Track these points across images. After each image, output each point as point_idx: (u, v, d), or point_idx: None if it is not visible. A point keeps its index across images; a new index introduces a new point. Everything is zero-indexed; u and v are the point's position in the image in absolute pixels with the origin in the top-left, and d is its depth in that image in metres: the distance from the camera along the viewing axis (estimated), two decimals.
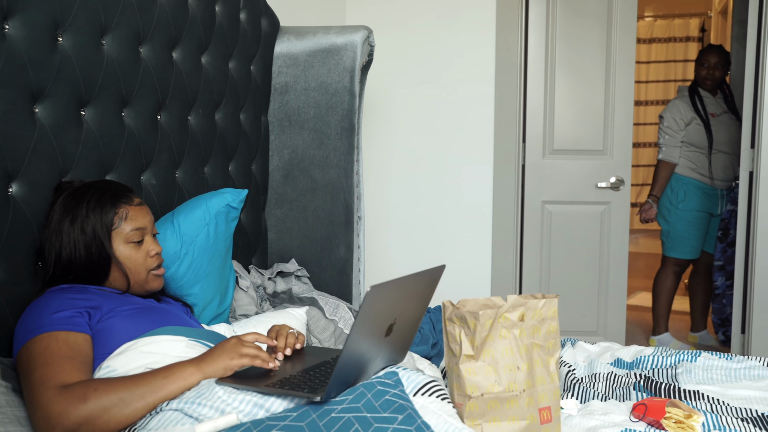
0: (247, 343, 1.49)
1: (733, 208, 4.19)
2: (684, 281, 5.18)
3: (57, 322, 1.46)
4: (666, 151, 4.24)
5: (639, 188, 8.40)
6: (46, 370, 1.37)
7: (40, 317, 1.48)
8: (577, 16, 3.78)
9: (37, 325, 1.46)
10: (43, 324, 1.46)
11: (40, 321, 1.47)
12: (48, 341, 1.43)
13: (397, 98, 3.88)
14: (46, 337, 1.43)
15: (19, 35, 1.65)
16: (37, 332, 1.44)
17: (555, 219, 3.90)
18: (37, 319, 1.48)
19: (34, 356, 1.40)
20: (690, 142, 4.22)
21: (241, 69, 2.64)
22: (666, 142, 4.24)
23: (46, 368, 1.37)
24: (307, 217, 2.84)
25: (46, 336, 1.44)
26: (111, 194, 1.68)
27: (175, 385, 1.39)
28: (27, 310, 1.54)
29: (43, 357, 1.40)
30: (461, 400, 1.44)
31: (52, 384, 1.34)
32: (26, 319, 1.50)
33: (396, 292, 1.38)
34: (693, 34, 8.14)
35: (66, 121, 1.80)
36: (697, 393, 1.77)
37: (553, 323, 1.53)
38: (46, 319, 1.47)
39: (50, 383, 1.34)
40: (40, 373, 1.37)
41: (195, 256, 2.02)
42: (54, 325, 1.45)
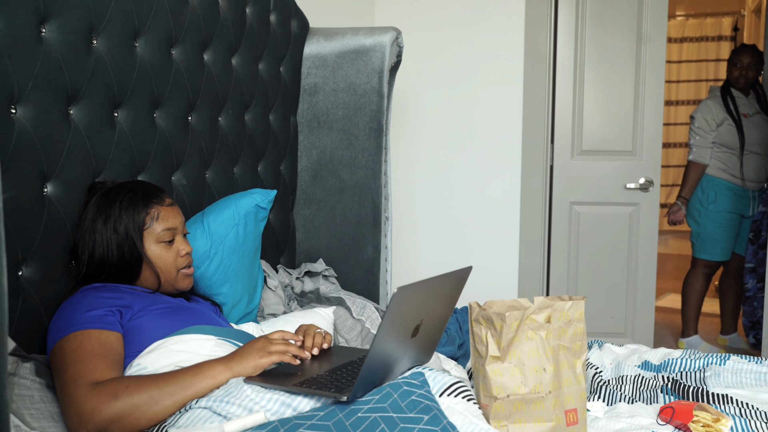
0: (275, 340, 1.51)
1: (765, 209, 4.14)
2: (714, 283, 5.13)
3: (89, 320, 1.50)
4: (696, 152, 4.20)
5: (669, 189, 8.32)
6: (79, 368, 1.40)
7: (73, 316, 1.51)
8: (607, 16, 3.75)
9: (71, 323, 1.49)
10: (76, 322, 1.49)
11: (73, 319, 1.50)
12: (81, 339, 1.46)
13: (425, 99, 3.89)
14: (79, 335, 1.46)
15: (56, 38, 1.68)
16: (70, 330, 1.47)
17: (583, 220, 3.89)
18: (71, 317, 1.51)
19: (67, 354, 1.43)
20: (721, 142, 4.18)
21: (270, 70, 2.67)
22: (697, 143, 4.20)
23: (78, 365, 1.40)
24: (335, 217, 2.86)
25: (78, 334, 1.47)
26: (143, 194, 1.71)
27: (204, 383, 1.41)
28: (60, 308, 1.57)
29: (76, 354, 1.43)
30: (487, 401, 1.45)
31: (85, 381, 1.37)
32: (59, 318, 1.53)
33: (423, 293, 1.39)
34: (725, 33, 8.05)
35: (100, 123, 1.83)
36: (725, 397, 1.75)
37: (580, 325, 1.53)
38: (79, 317, 1.50)
39: (83, 380, 1.37)
40: (73, 370, 1.40)
41: (224, 255, 2.04)
42: (86, 324, 1.49)
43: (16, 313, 1.57)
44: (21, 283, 1.60)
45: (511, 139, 3.82)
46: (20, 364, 1.46)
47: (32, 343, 1.61)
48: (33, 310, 1.62)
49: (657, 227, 3.86)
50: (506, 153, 3.83)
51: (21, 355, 1.50)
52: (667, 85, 8.14)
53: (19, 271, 1.60)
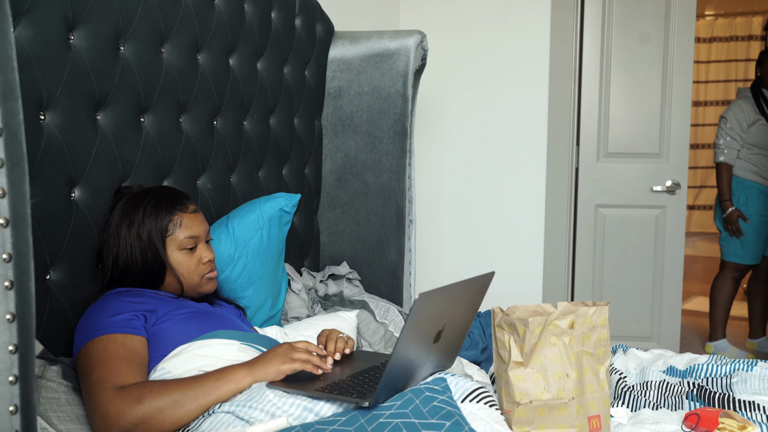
0: (298, 348, 1.52)
1: None
2: (742, 286, 5.07)
3: (115, 324, 1.52)
4: (728, 153, 4.16)
5: (697, 190, 8.24)
6: (105, 371, 1.42)
7: (98, 320, 1.53)
8: (634, 16, 3.73)
9: (96, 327, 1.51)
10: (101, 327, 1.51)
11: (99, 324, 1.52)
12: (106, 343, 1.48)
13: (450, 102, 3.89)
14: (104, 339, 1.49)
15: (84, 45, 1.71)
16: (96, 334, 1.50)
17: (609, 223, 3.86)
18: (96, 321, 1.53)
19: (93, 357, 1.45)
20: (753, 143, 4.13)
21: (295, 74, 2.68)
22: (728, 144, 4.16)
23: (104, 369, 1.42)
24: (359, 220, 2.87)
25: (104, 338, 1.49)
26: (167, 201, 1.73)
27: (227, 387, 1.42)
28: (86, 313, 1.60)
29: (101, 358, 1.45)
30: (510, 406, 1.45)
31: (110, 385, 1.39)
32: (85, 322, 1.56)
33: (445, 299, 1.40)
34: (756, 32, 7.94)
35: (126, 128, 1.86)
36: (752, 404, 1.73)
37: (604, 331, 1.53)
38: (104, 321, 1.52)
39: (108, 384, 1.39)
40: (98, 374, 1.42)
41: (248, 259, 2.06)
42: (112, 328, 1.51)
43: (43, 317, 1.60)
44: (48, 286, 1.62)
45: (536, 141, 3.80)
46: (47, 367, 1.49)
47: (59, 346, 1.63)
48: (60, 314, 1.64)
49: (684, 230, 3.82)
50: (531, 156, 3.82)
51: (48, 358, 1.53)
52: (695, 86, 8.06)
53: (46, 275, 1.62)
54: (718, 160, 4.19)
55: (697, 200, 8.22)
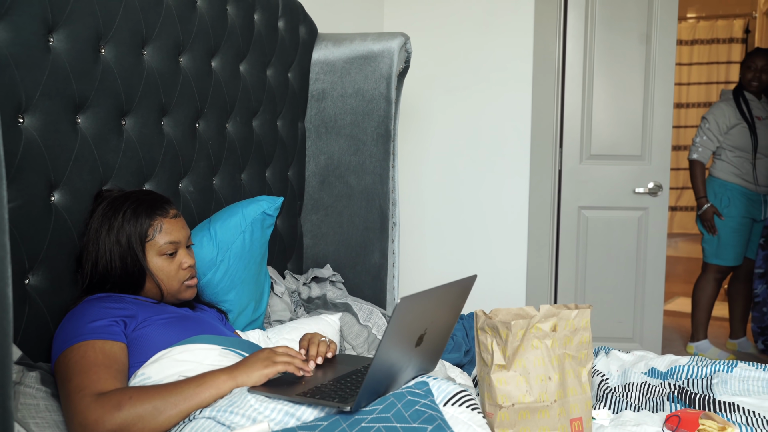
0: (280, 352, 1.51)
1: None
2: (724, 287, 5.10)
3: (94, 331, 1.50)
4: (702, 151, 4.20)
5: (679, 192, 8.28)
6: (83, 378, 1.40)
7: (77, 326, 1.52)
8: (616, 19, 3.75)
9: (75, 334, 1.50)
10: (80, 333, 1.50)
11: (78, 330, 1.51)
12: (85, 350, 1.46)
13: (434, 104, 3.89)
14: (83, 345, 1.47)
15: (63, 47, 1.69)
16: (75, 341, 1.48)
17: (591, 225, 3.88)
18: (75, 328, 1.52)
19: (72, 364, 1.44)
20: (734, 145, 4.16)
21: (278, 76, 2.67)
22: (703, 143, 4.20)
23: (83, 376, 1.41)
24: (343, 222, 2.87)
25: (83, 344, 1.47)
26: (147, 205, 1.71)
27: (208, 393, 1.41)
28: (65, 319, 1.58)
29: (80, 365, 1.43)
30: (492, 409, 1.45)
31: (89, 392, 1.38)
32: (64, 328, 1.54)
33: (427, 303, 1.39)
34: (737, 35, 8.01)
35: (107, 131, 1.84)
36: (732, 405, 1.74)
37: (586, 334, 1.53)
38: (83, 328, 1.51)
39: (87, 391, 1.38)
40: (77, 380, 1.40)
41: (231, 262, 2.05)
42: (91, 334, 1.49)
43: (22, 322, 1.58)
44: (27, 291, 1.61)
45: (519, 143, 3.81)
46: (26, 373, 1.47)
47: (38, 351, 1.62)
48: (39, 319, 1.63)
49: (666, 232, 3.85)
50: (515, 158, 3.83)
51: (27, 364, 1.51)
52: (677, 88, 8.11)
53: (25, 279, 1.60)
54: (691, 157, 4.23)
55: (680, 201, 8.27)
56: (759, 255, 4.24)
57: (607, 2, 3.74)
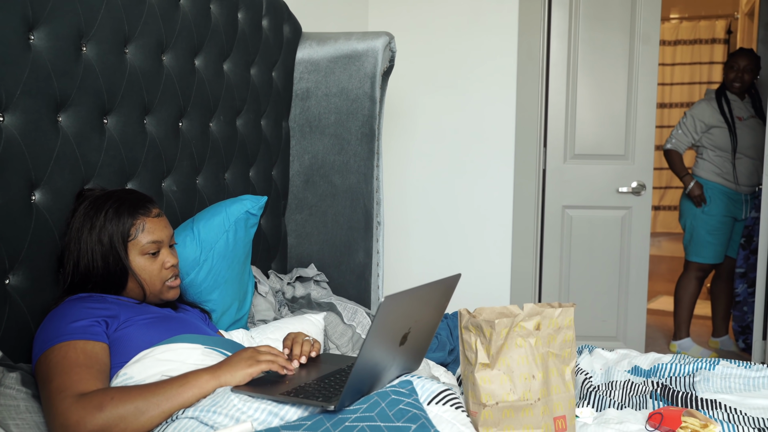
0: (263, 351, 1.51)
1: (758, 214, 4.15)
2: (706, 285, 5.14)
3: (75, 331, 1.49)
4: (675, 143, 4.30)
5: (662, 191, 8.34)
6: (64, 379, 1.39)
7: (58, 326, 1.51)
8: (600, 20, 3.76)
9: (56, 334, 1.49)
10: (61, 333, 1.48)
11: (59, 330, 1.49)
12: (66, 350, 1.45)
13: (419, 103, 3.89)
14: (64, 346, 1.46)
15: (44, 46, 1.68)
16: (56, 341, 1.47)
17: (575, 224, 3.89)
18: (56, 328, 1.50)
19: (53, 365, 1.43)
20: (715, 145, 4.19)
21: (262, 75, 2.66)
22: (678, 136, 4.28)
23: (64, 377, 1.40)
24: (327, 222, 2.86)
25: (64, 345, 1.46)
26: (130, 204, 1.70)
27: (191, 392, 1.40)
28: (46, 319, 1.57)
29: (61, 366, 1.42)
30: (476, 408, 1.45)
31: (70, 393, 1.36)
32: (45, 328, 1.53)
33: (410, 301, 1.39)
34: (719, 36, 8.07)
35: (89, 130, 1.83)
36: (714, 402, 1.76)
37: (569, 332, 1.54)
38: (64, 328, 1.50)
39: (68, 392, 1.37)
40: (58, 381, 1.39)
41: (214, 262, 2.04)
42: (72, 335, 1.48)
43: (2, 322, 1.57)
44: (8, 291, 1.59)
45: (503, 143, 3.82)
46: (6, 374, 1.46)
47: (19, 352, 1.60)
48: (20, 319, 1.61)
49: (649, 231, 3.87)
50: (499, 157, 3.83)
51: (7, 365, 1.50)
52: (660, 88, 8.16)
53: (5, 279, 1.59)
54: (666, 147, 4.31)
55: (663, 201, 8.33)
56: (740, 254, 4.28)
57: (591, 2, 3.76)
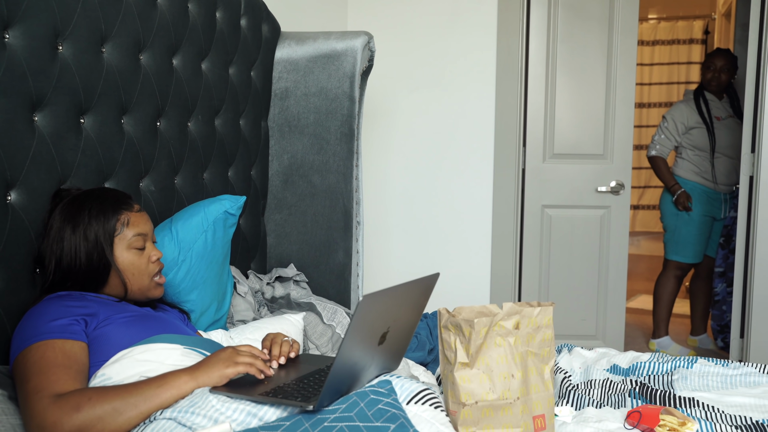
0: (242, 352, 1.50)
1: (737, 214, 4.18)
2: (685, 284, 5.18)
3: (53, 330, 1.48)
4: (659, 149, 4.29)
5: (641, 190, 8.40)
6: (42, 379, 1.38)
7: (37, 325, 1.49)
8: (579, 20, 3.78)
9: (34, 333, 1.47)
10: (39, 332, 1.47)
11: (37, 329, 1.48)
12: (44, 350, 1.44)
13: (398, 102, 3.89)
14: (42, 345, 1.45)
15: (19, 44, 1.66)
16: (34, 340, 1.46)
17: (555, 223, 3.91)
18: (35, 327, 1.49)
19: (30, 365, 1.41)
20: (694, 145, 4.22)
21: (241, 75, 2.65)
22: (661, 141, 4.28)
23: (41, 377, 1.38)
24: (306, 222, 2.86)
25: (42, 344, 1.45)
26: (112, 201, 1.70)
27: (169, 393, 1.39)
28: (24, 317, 1.55)
29: (39, 366, 1.41)
30: (456, 407, 1.45)
31: (47, 393, 1.35)
32: (23, 327, 1.51)
33: (389, 300, 1.39)
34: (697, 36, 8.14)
35: (65, 129, 1.81)
36: (692, 400, 1.77)
37: (548, 331, 1.54)
38: (43, 326, 1.48)
39: (45, 392, 1.35)
40: (35, 381, 1.38)
41: (192, 262, 2.03)
42: (50, 334, 1.47)
43: None
44: None
45: (483, 143, 3.83)
46: None
47: None
48: None
49: (627, 230, 3.90)
50: (478, 157, 3.84)
51: None
52: (639, 88, 8.21)
53: None
54: (651, 154, 4.31)
55: (642, 200, 8.38)
56: (719, 254, 4.31)
57: (569, 2, 3.77)
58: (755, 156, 3.48)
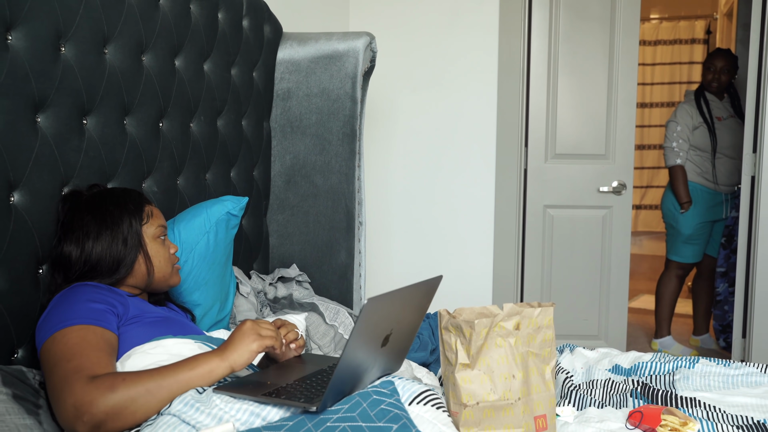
0: (263, 323, 1.50)
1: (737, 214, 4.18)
2: (687, 284, 5.17)
3: (92, 315, 1.50)
4: (682, 155, 4.21)
5: (643, 190, 8.39)
6: (83, 360, 1.40)
7: (74, 308, 1.51)
8: (580, 20, 3.78)
9: (74, 315, 1.49)
10: (79, 315, 1.49)
11: (76, 312, 1.50)
12: (86, 332, 1.46)
13: (400, 103, 3.90)
14: (83, 328, 1.47)
15: (22, 46, 1.67)
16: (73, 322, 1.47)
17: (557, 223, 3.91)
18: (72, 309, 1.51)
19: (71, 345, 1.43)
20: (696, 145, 4.22)
21: (243, 75, 2.66)
22: (681, 147, 4.21)
23: (83, 357, 1.40)
24: (309, 222, 2.86)
25: (83, 327, 1.47)
26: (135, 196, 1.77)
27: (200, 373, 1.41)
28: (56, 300, 1.57)
29: (80, 347, 1.43)
30: (457, 408, 1.46)
31: (86, 373, 1.37)
32: (58, 308, 1.53)
33: (393, 303, 1.40)
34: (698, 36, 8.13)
35: (68, 130, 1.82)
36: (693, 400, 1.77)
37: (549, 331, 1.54)
38: (81, 308, 1.51)
39: (84, 372, 1.37)
40: (77, 361, 1.39)
41: (195, 263, 2.04)
42: (89, 318, 1.49)
43: None
44: None
45: (485, 143, 3.83)
46: None
47: None
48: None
49: (630, 230, 3.90)
50: (480, 157, 3.85)
51: None
52: (641, 88, 8.21)
53: None
54: (676, 162, 4.22)
55: (644, 200, 8.37)
56: (720, 254, 4.31)
57: (571, 2, 3.77)
58: (757, 156, 3.48)
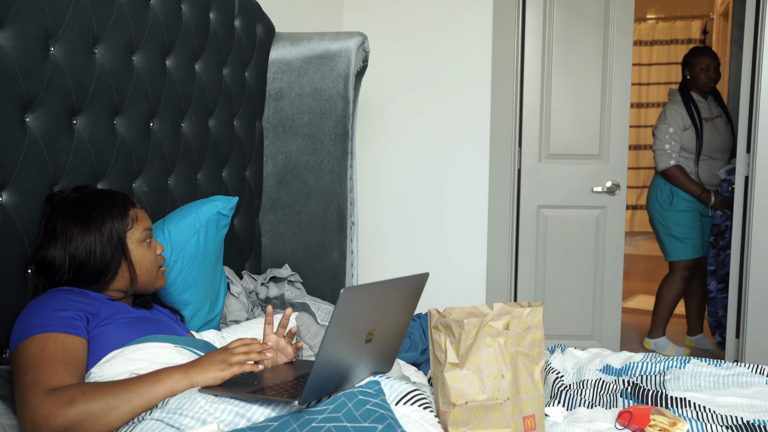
0: (236, 352, 1.49)
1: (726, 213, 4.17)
2: None
3: (56, 322, 1.48)
4: (675, 156, 4.17)
5: (639, 191, 8.39)
6: (40, 372, 1.38)
7: (40, 315, 1.50)
8: (574, 20, 3.78)
9: (37, 323, 1.48)
10: (43, 323, 1.47)
11: (41, 319, 1.48)
12: (45, 342, 1.44)
13: (393, 103, 3.90)
14: (44, 337, 1.45)
15: (10, 45, 1.66)
16: (36, 331, 1.46)
17: (550, 223, 3.91)
18: (38, 317, 1.49)
19: (30, 356, 1.42)
20: (683, 147, 4.20)
21: (235, 75, 2.65)
22: (673, 148, 4.18)
23: (39, 370, 1.39)
24: (301, 222, 2.86)
25: (44, 336, 1.45)
26: (120, 199, 1.74)
27: (162, 390, 1.40)
28: (28, 307, 1.56)
29: (39, 358, 1.41)
30: (446, 407, 1.45)
31: (43, 387, 1.35)
32: (26, 317, 1.52)
33: (373, 296, 1.39)
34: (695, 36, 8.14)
35: (57, 130, 1.81)
36: (683, 400, 1.77)
37: (538, 332, 1.54)
38: (47, 316, 1.49)
39: (41, 386, 1.36)
40: (33, 374, 1.38)
41: (185, 263, 2.03)
42: (53, 326, 1.47)
43: None
44: None
45: (479, 143, 3.83)
46: None
47: None
48: None
49: (623, 230, 3.90)
50: (474, 157, 3.84)
51: None
52: (637, 88, 8.22)
53: None
54: (669, 164, 4.17)
55: (640, 200, 8.37)
56: (710, 253, 4.30)
57: (565, 2, 3.77)
58: (750, 156, 3.48)
